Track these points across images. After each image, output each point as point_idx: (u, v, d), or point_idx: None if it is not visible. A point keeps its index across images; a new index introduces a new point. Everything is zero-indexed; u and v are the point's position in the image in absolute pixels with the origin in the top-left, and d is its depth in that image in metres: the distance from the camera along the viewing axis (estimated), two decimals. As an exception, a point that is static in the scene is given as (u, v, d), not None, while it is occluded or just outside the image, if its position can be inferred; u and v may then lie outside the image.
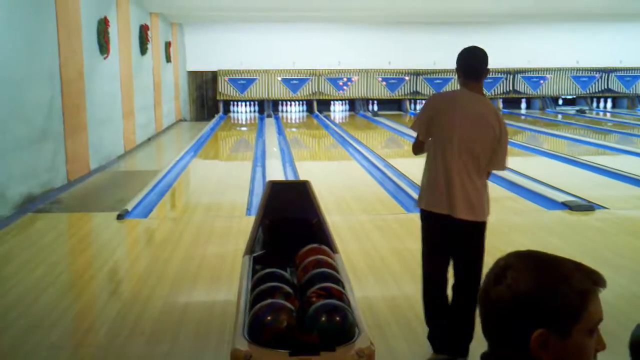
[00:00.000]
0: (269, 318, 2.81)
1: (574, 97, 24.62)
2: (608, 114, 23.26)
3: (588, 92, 24.56)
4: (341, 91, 23.38)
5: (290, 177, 10.09)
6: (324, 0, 15.23)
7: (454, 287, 3.87)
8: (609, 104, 24.93)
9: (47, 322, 4.45)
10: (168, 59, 19.39)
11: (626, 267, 5.69)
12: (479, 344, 3.58)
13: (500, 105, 24.12)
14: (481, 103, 3.66)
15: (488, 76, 3.86)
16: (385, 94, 23.47)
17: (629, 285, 5.21)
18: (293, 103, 23.42)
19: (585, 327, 1.34)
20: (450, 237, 3.75)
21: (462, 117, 3.62)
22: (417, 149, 3.93)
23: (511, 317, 1.34)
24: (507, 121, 3.82)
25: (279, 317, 2.82)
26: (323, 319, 2.82)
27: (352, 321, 2.87)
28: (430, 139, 3.78)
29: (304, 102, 23.41)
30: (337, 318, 2.83)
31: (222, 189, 9.62)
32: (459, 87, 3.81)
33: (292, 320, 2.83)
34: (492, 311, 1.37)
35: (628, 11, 18.65)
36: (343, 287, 3.28)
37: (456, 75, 3.82)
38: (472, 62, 3.74)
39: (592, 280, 1.36)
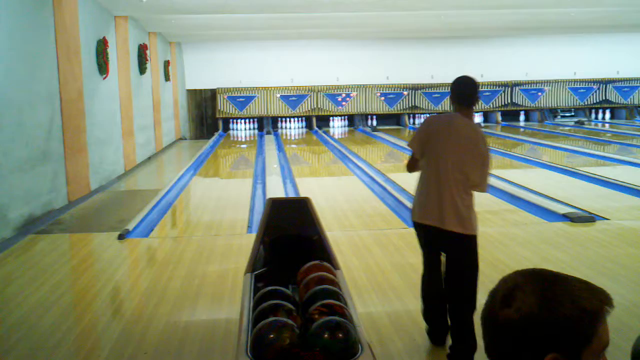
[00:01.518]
0: (271, 336, 2.81)
1: (573, 111, 24.66)
2: (607, 125, 23.31)
3: (586, 103, 24.62)
4: (340, 107, 23.45)
5: (291, 194, 10.10)
6: (321, 17, 15.29)
7: (449, 299, 4.12)
8: (608, 115, 24.99)
9: (50, 343, 4.44)
10: (167, 78, 19.47)
11: (627, 278, 5.69)
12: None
13: (499, 118, 24.19)
14: (472, 129, 3.99)
15: (488, 89, 4.07)
16: (384, 108, 23.53)
17: (630, 295, 5.21)
18: (292, 119, 23.49)
19: (595, 350, 1.32)
20: (441, 248, 4.06)
21: (456, 140, 3.95)
22: (411, 166, 4.27)
23: (522, 341, 1.30)
24: (506, 134, 3.95)
25: (282, 335, 2.81)
26: (326, 336, 2.82)
27: (355, 338, 2.86)
28: (424, 157, 4.07)
29: (303, 119, 23.48)
30: (340, 335, 2.82)
31: (223, 207, 9.63)
32: (452, 110, 4.14)
33: (294, 338, 2.83)
34: (499, 334, 1.34)
35: (624, 22, 18.75)
36: (345, 304, 3.28)
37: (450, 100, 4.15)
38: (465, 90, 4.08)
39: (600, 300, 1.33)
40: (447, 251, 4.04)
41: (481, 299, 5.05)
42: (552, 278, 1.35)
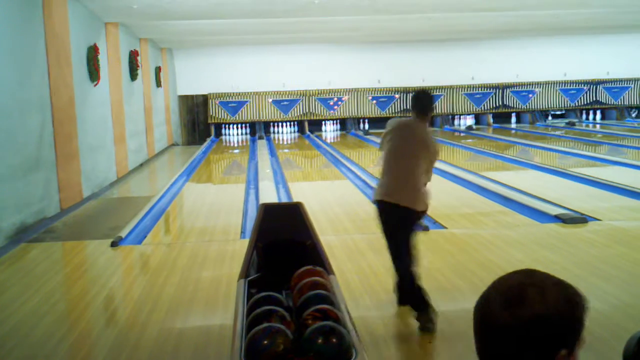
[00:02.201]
0: (265, 342, 2.81)
1: (563, 112, 24.78)
2: (597, 126, 23.41)
3: (577, 104, 24.72)
4: (332, 111, 23.48)
5: (284, 198, 10.10)
6: (311, 22, 15.31)
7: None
8: (598, 115, 25.09)
9: (43, 352, 4.43)
10: (158, 84, 19.45)
11: (619, 278, 5.71)
12: None
13: (491, 120, 24.26)
14: (426, 132, 4.91)
15: (479, 91, 4.28)
16: (376, 112, 23.57)
17: (622, 295, 5.23)
18: (284, 124, 23.51)
19: (581, 344, 1.35)
20: (396, 219, 4.84)
21: (412, 138, 4.86)
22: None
23: (528, 341, 1.30)
24: (498, 136, 4.02)
25: (276, 341, 2.81)
26: (320, 341, 2.82)
27: (349, 342, 2.86)
28: (385, 150, 4.96)
29: (295, 123, 23.50)
30: (334, 340, 2.83)
31: (216, 213, 9.63)
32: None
33: (288, 344, 2.83)
34: (501, 335, 1.33)
35: (611, 24, 18.84)
36: (339, 309, 3.28)
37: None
38: (423, 103, 4.97)
39: (581, 296, 1.37)
40: (400, 222, 4.83)
41: (475, 300, 5.07)
42: (556, 279, 1.39)
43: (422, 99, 5.01)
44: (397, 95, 23.72)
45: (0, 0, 7.90)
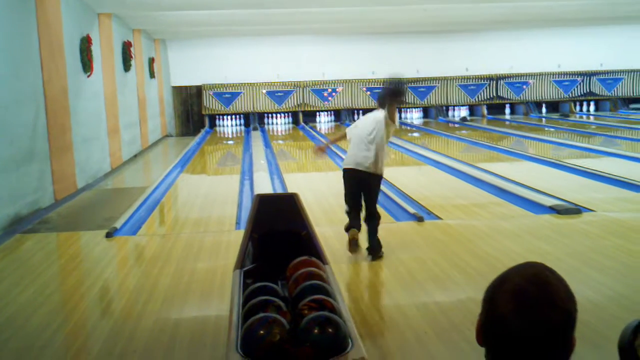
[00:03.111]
0: (261, 332, 2.82)
1: (558, 101, 24.83)
2: (591, 117, 23.46)
3: (570, 96, 24.76)
4: (326, 102, 23.46)
5: (278, 189, 10.10)
6: (306, 13, 15.27)
7: (366, 214, 6.34)
8: (592, 107, 25.14)
9: (38, 343, 4.43)
10: (152, 75, 19.39)
11: (613, 269, 5.73)
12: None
13: (485, 111, 24.28)
14: (381, 114, 6.29)
15: (473, 82, 4.51)
16: (370, 103, 23.52)
17: (616, 286, 5.25)
18: (278, 115, 23.47)
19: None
20: (358, 183, 6.27)
21: (368, 121, 6.38)
22: (340, 139, 7.15)
23: (572, 324, 1.44)
24: (492, 127, 4.05)
25: (272, 331, 2.82)
26: (316, 331, 2.83)
27: (345, 332, 2.88)
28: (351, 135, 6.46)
29: (290, 114, 23.47)
30: (330, 330, 2.84)
31: (211, 204, 9.62)
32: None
33: (284, 334, 2.84)
34: (568, 320, 1.44)
35: (604, 15, 18.85)
36: (334, 299, 3.29)
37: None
38: (379, 98, 6.50)
39: None
40: (364, 184, 6.25)
41: (470, 291, 5.09)
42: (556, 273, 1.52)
43: (380, 95, 6.51)
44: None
45: (-7, -10, 7.86)
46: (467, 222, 7.65)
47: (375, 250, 6.22)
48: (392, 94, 6.25)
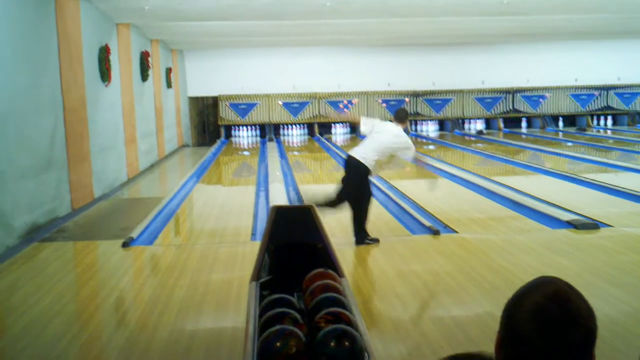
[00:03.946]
0: (278, 344, 2.81)
1: (575, 115, 24.71)
2: (609, 131, 23.31)
3: (587, 109, 24.63)
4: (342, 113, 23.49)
5: (294, 201, 10.11)
6: (322, 24, 15.32)
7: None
8: (609, 121, 24.99)
9: (54, 353, 4.44)
10: (169, 85, 19.50)
11: (632, 285, 5.68)
12: None
13: (501, 124, 24.21)
14: (396, 129, 7.28)
15: (489, 95, 4.38)
16: (385, 115, 23.54)
17: (633, 301, 5.21)
18: (294, 126, 23.54)
19: None
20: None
21: (384, 133, 7.25)
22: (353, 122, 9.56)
23: (593, 341, 1.44)
24: (508, 140, 3.98)
25: (288, 343, 2.81)
26: (332, 344, 2.82)
27: (361, 346, 2.86)
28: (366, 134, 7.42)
29: (305, 125, 23.52)
30: (346, 343, 2.82)
31: (226, 215, 9.64)
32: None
33: (301, 346, 2.83)
34: (590, 336, 1.44)
35: (625, 29, 18.76)
36: (351, 312, 3.28)
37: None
38: (400, 114, 7.47)
39: None
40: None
41: (486, 305, 5.06)
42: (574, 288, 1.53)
43: (397, 111, 7.60)
44: (407, 99, 23.70)
45: (13, 1, 7.94)
46: (484, 235, 7.61)
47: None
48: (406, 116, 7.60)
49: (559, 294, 1.43)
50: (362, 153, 7.15)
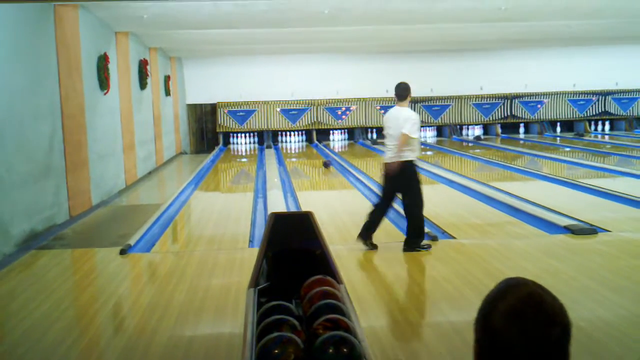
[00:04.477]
0: (276, 351, 2.81)
1: (572, 121, 24.74)
2: (606, 137, 23.35)
3: (585, 115, 24.67)
4: (340, 120, 23.52)
5: (292, 208, 10.12)
6: (321, 32, 15.35)
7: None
8: (607, 126, 25.02)
9: (54, 358, 4.45)
10: (167, 93, 19.53)
11: (629, 290, 5.69)
12: None
13: (499, 130, 24.24)
14: (401, 111, 7.43)
15: (487, 101, 4.31)
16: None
17: (633, 307, 5.22)
18: (292, 133, 23.56)
19: None
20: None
21: (392, 127, 7.34)
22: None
23: (569, 336, 1.47)
24: (506, 146, 3.98)
25: (286, 350, 2.81)
26: (330, 350, 2.82)
27: (360, 352, 2.86)
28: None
29: (303, 132, 23.55)
30: (345, 350, 2.82)
31: (224, 221, 9.64)
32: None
33: (299, 353, 2.83)
34: (566, 331, 1.46)
35: (623, 34, 18.82)
36: (349, 318, 3.28)
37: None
38: (398, 91, 7.61)
39: None
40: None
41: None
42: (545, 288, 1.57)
43: (398, 87, 7.68)
44: (405, 105, 23.68)
45: (12, 9, 7.97)
46: (481, 241, 7.62)
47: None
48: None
49: (532, 296, 1.46)
50: (391, 153, 7.28)
